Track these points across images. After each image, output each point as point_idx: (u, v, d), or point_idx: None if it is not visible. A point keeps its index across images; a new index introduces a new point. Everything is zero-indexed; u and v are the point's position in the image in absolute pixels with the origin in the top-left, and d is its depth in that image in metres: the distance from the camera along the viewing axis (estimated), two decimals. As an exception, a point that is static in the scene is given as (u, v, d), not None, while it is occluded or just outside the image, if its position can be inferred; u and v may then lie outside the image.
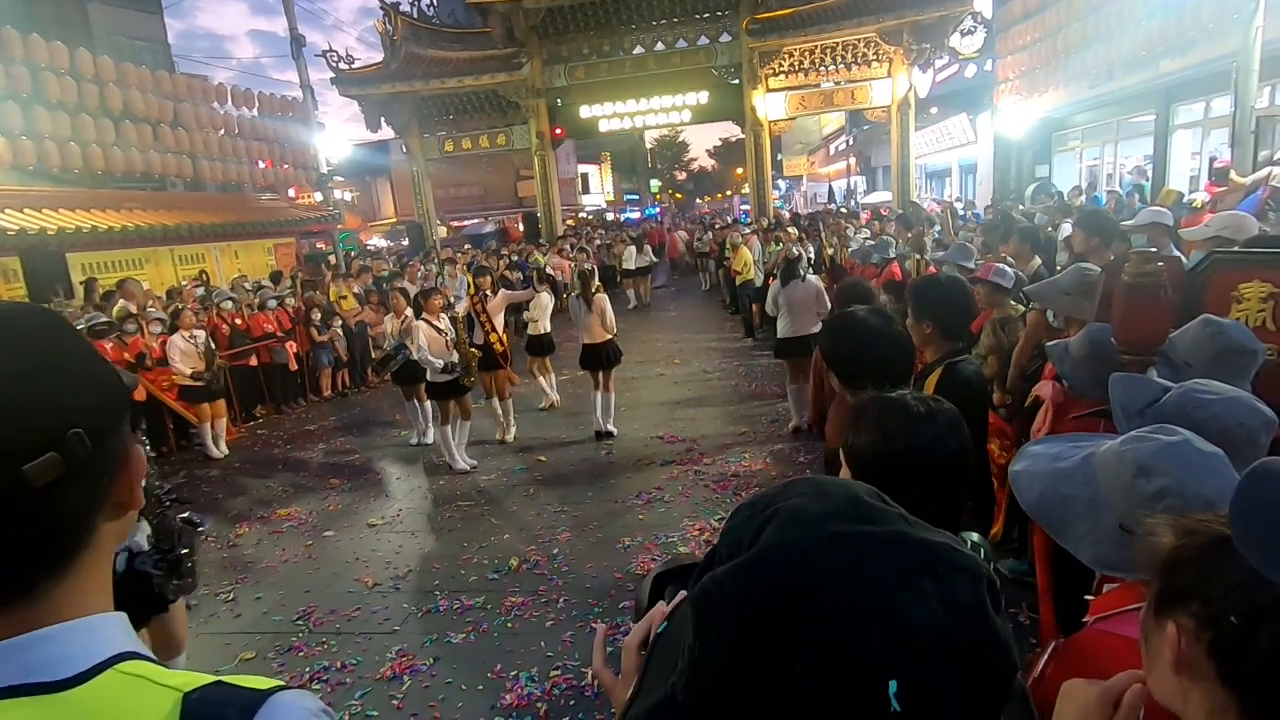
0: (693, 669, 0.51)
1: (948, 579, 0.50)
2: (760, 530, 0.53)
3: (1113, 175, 14.59)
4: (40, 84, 10.02)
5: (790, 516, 0.53)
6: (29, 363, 0.58)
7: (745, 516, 0.57)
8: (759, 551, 0.52)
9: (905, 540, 0.52)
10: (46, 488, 0.56)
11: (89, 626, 0.60)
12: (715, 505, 5.12)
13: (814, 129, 35.91)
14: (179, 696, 0.57)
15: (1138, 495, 1.06)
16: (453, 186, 28.52)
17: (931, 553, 0.51)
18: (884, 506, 0.55)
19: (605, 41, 17.78)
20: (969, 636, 0.49)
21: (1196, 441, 1.07)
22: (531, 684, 3.33)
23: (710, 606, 0.51)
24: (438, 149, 18.98)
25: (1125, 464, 1.10)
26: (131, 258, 10.95)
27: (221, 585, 4.65)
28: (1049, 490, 1.18)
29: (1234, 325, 1.86)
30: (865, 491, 0.57)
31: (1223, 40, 8.48)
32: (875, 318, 1.94)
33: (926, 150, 21.80)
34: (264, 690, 0.60)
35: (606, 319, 6.71)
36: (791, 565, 0.50)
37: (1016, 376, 3.44)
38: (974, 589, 0.50)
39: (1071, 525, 1.15)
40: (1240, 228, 3.58)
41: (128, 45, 17.83)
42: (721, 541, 0.57)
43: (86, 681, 0.57)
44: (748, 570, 0.51)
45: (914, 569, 0.49)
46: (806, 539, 0.51)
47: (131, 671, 0.59)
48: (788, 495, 0.56)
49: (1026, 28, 14.66)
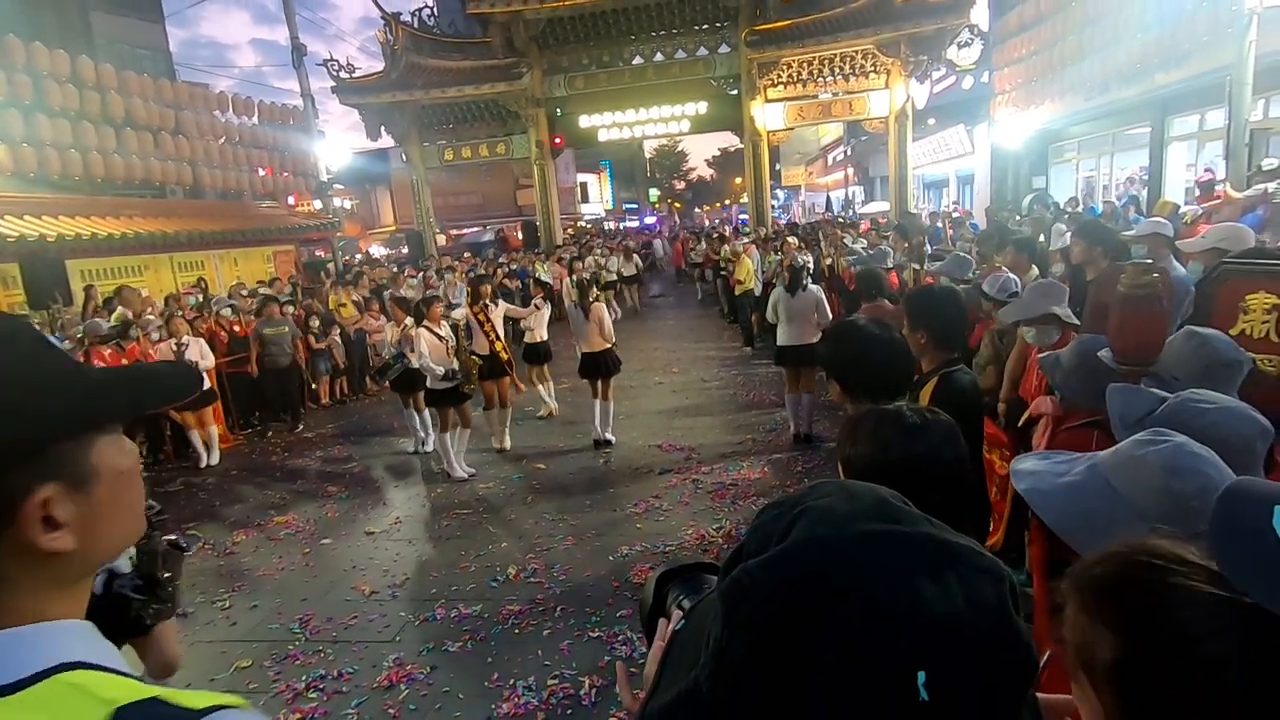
0: (718, 659, 0.52)
1: (971, 578, 0.51)
2: (790, 527, 0.55)
3: (1109, 186, 14.69)
4: (42, 91, 10.07)
5: (820, 514, 0.55)
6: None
7: (773, 515, 0.58)
8: (789, 545, 0.53)
9: (931, 540, 0.53)
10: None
11: (34, 635, 0.59)
12: (714, 514, 5.11)
13: (812, 139, 36.13)
14: (109, 711, 0.56)
15: (1175, 495, 1.04)
16: (452, 195, 28.61)
17: (956, 553, 0.52)
18: (909, 509, 0.57)
19: (605, 52, 17.90)
20: (992, 634, 0.50)
21: (1192, 443, 1.09)
22: (529, 693, 3.32)
23: (740, 595, 0.52)
24: (437, 157, 19.05)
25: (1151, 466, 1.08)
26: (131, 265, 10.97)
27: (218, 593, 4.63)
28: (1068, 509, 1.15)
29: (1218, 337, 1.84)
30: (890, 494, 0.59)
31: (1217, 53, 8.55)
32: (875, 326, 1.95)
33: (924, 161, 21.94)
34: (199, 709, 0.58)
35: (605, 328, 6.72)
36: (821, 558, 0.51)
37: (1010, 389, 3.46)
38: (997, 589, 0.52)
39: (1098, 539, 1.11)
40: (1238, 239, 3.61)
41: (129, 53, 17.90)
42: (749, 538, 0.58)
43: (21, 690, 0.55)
44: (778, 562, 0.52)
45: (939, 567, 0.51)
46: (836, 535, 0.53)
47: (71, 681, 0.57)
48: (816, 495, 0.58)
49: (1023, 40, 14.78)
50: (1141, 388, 1.59)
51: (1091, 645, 0.65)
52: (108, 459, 0.66)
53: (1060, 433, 2.25)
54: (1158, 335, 1.91)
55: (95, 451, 0.65)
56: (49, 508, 0.61)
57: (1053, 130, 15.71)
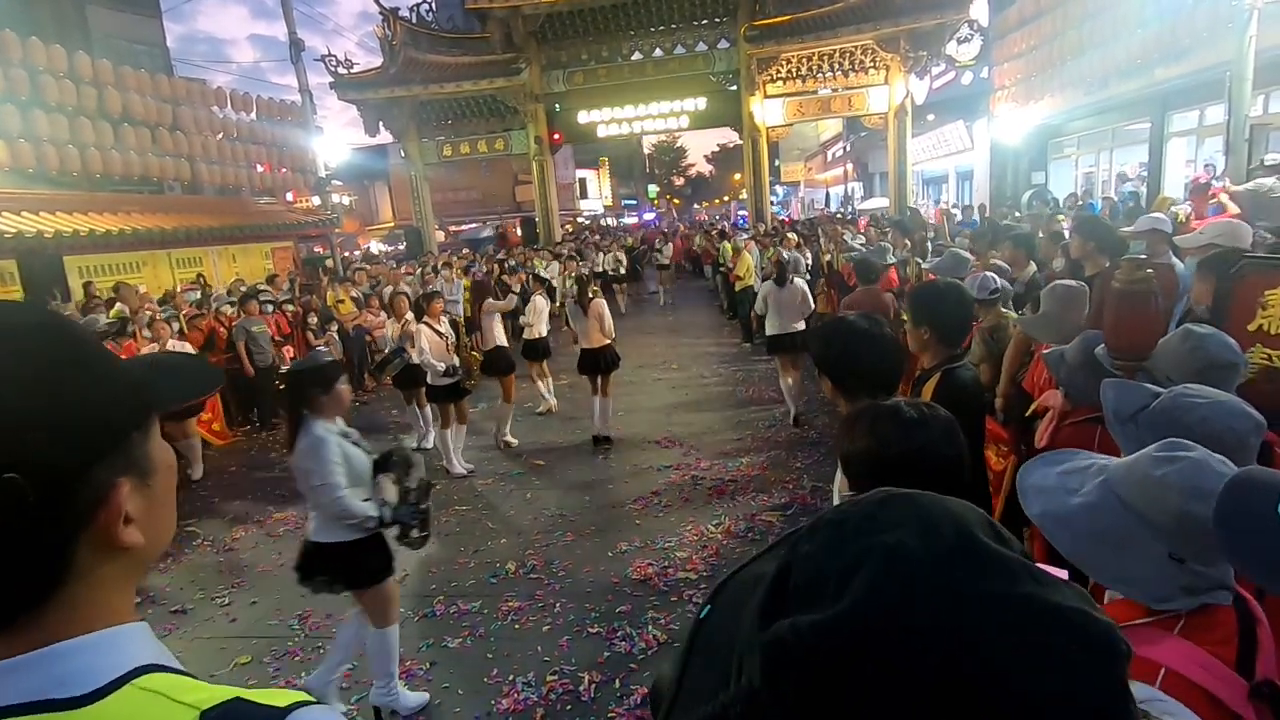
0: (750, 703, 0.45)
1: (1084, 659, 0.41)
2: (852, 570, 0.44)
3: (1108, 182, 14.68)
4: (39, 87, 10.03)
5: (890, 560, 0.44)
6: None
7: (830, 541, 0.48)
8: (851, 608, 0.43)
9: (1034, 606, 0.42)
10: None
11: (109, 640, 0.59)
12: (713, 510, 5.12)
13: (812, 135, 36.04)
14: (196, 715, 0.56)
15: (1197, 519, 0.99)
16: (451, 191, 28.56)
17: (1065, 622, 0.42)
18: (1003, 551, 0.45)
19: (604, 47, 17.86)
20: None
21: (1213, 459, 1.05)
22: (528, 689, 3.33)
23: (786, 661, 0.43)
24: (436, 153, 19.02)
25: (1171, 489, 1.03)
26: (129, 261, 10.95)
27: (217, 589, 4.64)
28: (1080, 532, 1.10)
29: (1214, 338, 1.81)
30: (978, 523, 0.47)
31: (1217, 48, 8.54)
32: (865, 321, 1.95)
33: (923, 157, 21.90)
34: (284, 706, 0.59)
35: (605, 324, 6.73)
36: (892, 629, 0.42)
37: (1007, 383, 3.46)
38: (1112, 671, 0.42)
39: (1113, 564, 1.08)
40: (1235, 235, 3.60)
41: (127, 49, 17.83)
42: (797, 568, 0.48)
43: (104, 698, 0.55)
44: (835, 628, 0.43)
45: (1043, 646, 0.41)
46: (912, 596, 0.42)
47: (150, 687, 0.57)
48: (885, 524, 0.47)
49: (1022, 35, 14.75)
50: (1135, 383, 1.59)
51: None
52: (158, 451, 0.66)
53: (1064, 427, 2.26)
54: (1152, 331, 1.91)
55: (152, 443, 0.65)
56: (127, 502, 0.61)
57: (1052, 126, 15.70)
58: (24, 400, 0.54)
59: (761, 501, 5.23)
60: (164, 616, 4.32)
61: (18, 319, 0.58)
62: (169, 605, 4.48)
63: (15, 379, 0.55)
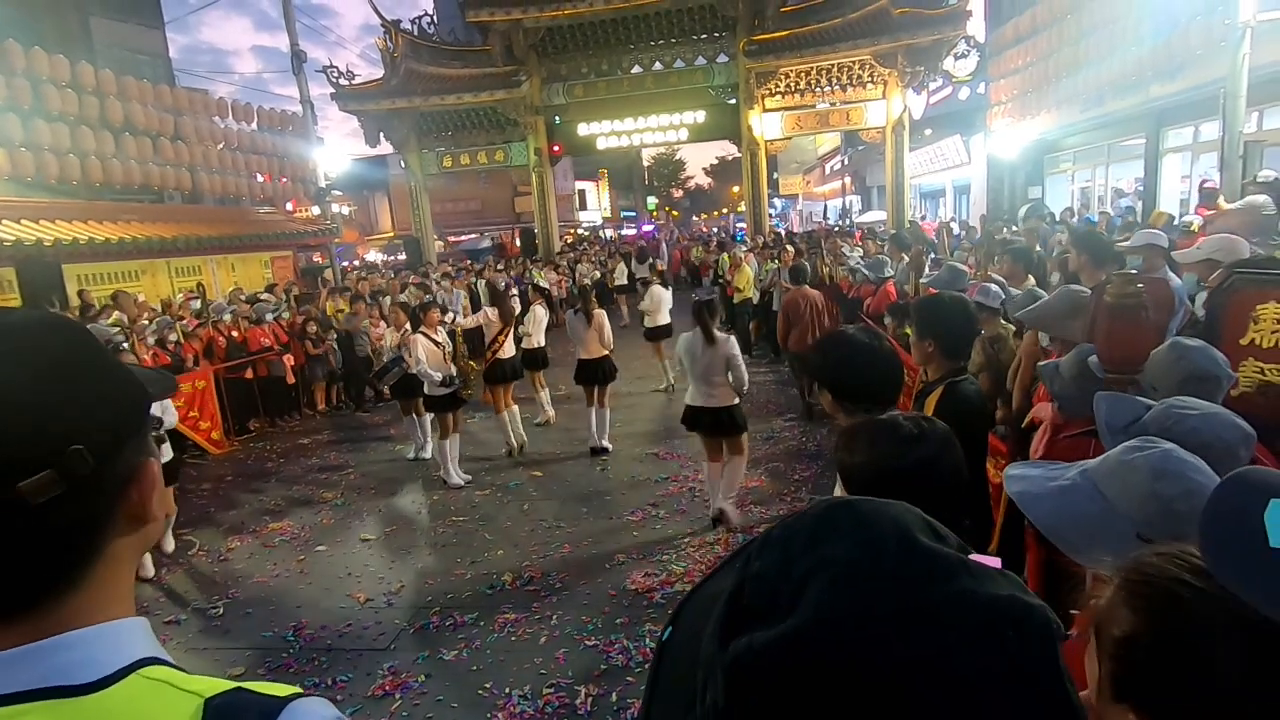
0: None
1: (1019, 643, 0.44)
2: (802, 585, 0.46)
3: (1104, 197, 14.78)
4: (41, 96, 10.06)
5: (838, 574, 0.46)
6: (30, 375, 0.57)
7: (779, 559, 0.49)
8: (802, 625, 0.45)
9: (970, 601, 0.45)
10: (44, 504, 0.55)
11: (112, 632, 0.61)
12: (710, 522, 5.11)
13: (810, 149, 36.30)
14: (200, 702, 0.58)
15: (1161, 499, 1.07)
16: (450, 202, 28.66)
17: (1000, 611, 0.45)
18: (939, 548, 0.48)
19: (604, 60, 17.98)
20: (1039, 699, 0.44)
21: (1180, 450, 1.11)
22: (524, 702, 3.31)
23: (746, 682, 0.45)
24: (436, 164, 19.09)
25: (1138, 471, 1.10)
26: (128, 269, 10.95)
27: (211, 599, 4.62)
28: (1057, 509, 1.17)
29: (1200, 350, 1.82)
30: (916, 524, 0.50)
31: (1211, 66, 8.62)
32: (863, 335, 1.97)
33: (921, 171, 22.04)
34: (283, 697, 0.62)
35: (605, 335, 6.75)
36: (845, 641, 0.44)
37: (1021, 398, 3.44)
38: (1046, 651, 0.45)
39: (1087, 542, 1.13)
40: (1231, 250, 3.63)
41: (129, 59, 17.92)
42: (750, 587, 0.49)
43: (109, 686, 0.57)
44: (792, 645, 0.44)
45: (983, 638, 0.44)
46: (861, 609, 0.45)
47: (154, 677, 0.59)
48: (828, 538, 0.49)
49: (1019, 52, 14.88)
50: (1128, 395, 1.60)
51: (1110, 618, 0.72)
52: (146, 455, 0.70)
53: (1060, 440, 2.26)
54: (1143, 345, 1.92)
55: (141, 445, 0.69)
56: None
57: (1048, 141, 15.80)
58: (86, 383, 0.61)
59: (760, 514, 5.22)
60: (158, 627, 4.27)
61: (54, 318, 0.64)
62: (163, 615, 4.46)
63: (74, 363, 0.61)
